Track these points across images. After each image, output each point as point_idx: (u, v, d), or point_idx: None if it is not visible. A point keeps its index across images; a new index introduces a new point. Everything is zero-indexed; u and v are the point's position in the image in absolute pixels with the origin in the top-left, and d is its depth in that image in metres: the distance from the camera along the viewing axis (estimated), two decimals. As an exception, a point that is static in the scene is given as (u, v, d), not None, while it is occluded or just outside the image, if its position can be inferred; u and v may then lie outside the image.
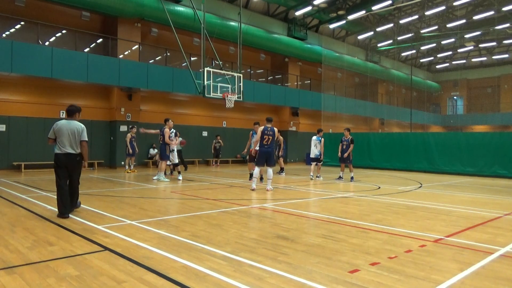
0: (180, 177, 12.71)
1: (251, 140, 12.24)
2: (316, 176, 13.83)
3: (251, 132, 12.59)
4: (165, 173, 12.91)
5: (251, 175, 11.90)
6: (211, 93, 16.61)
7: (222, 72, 17.17)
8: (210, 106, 22.35)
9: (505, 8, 25.70)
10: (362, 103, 30.64)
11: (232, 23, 21.38)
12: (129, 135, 15.73)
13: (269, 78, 26.80)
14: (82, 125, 6.41)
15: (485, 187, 11.81)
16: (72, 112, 6.53)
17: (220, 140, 21.24)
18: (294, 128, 25.95)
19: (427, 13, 28.08)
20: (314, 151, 13.84)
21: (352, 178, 13.18)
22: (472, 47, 36.32)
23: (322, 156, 13.94)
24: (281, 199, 8.56)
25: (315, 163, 13.93)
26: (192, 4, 18.55)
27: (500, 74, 39.30)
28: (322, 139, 13.86)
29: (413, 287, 3.29)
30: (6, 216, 6.18)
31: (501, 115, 37.26)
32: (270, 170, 10.05)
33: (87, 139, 6.40)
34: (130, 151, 15.65)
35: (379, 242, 4.75)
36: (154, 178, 12.49)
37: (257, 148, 10.51)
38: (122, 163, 17.58)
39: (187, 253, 4.19)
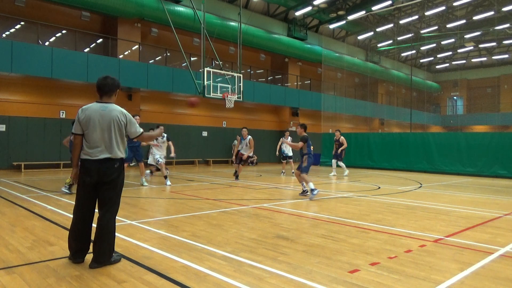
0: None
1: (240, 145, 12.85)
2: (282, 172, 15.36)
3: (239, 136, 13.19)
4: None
5: (237, 177, 12.63)
6: (211, 93, 16.61)
7: (222, 72, 17.17)
8: (210, 106, 22.35)
9: (505, 8, 25.70)
10: (362, 103, 30.65)
11: (232, 23, 21.38)
12: None
13: (269, 78, 26.81)
14: (125, 111, 3.95)
15: (485, 187, 11.81)
16: (108, 89, 3.88)
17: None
18: (294, 128, 25.95)
19: (427, 13, 28.09)
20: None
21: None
22: (472, 47, 36.33)
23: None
24: (281, 199, 8.56)
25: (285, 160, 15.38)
26: (192, 4, 18.55)
27: (500, 74, 39.32)
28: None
29: (413, 287, 3.29)
30: (6, 216, 6.17)
31: (501, 115, 37.27)
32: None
33: (142, 130, 4.03)
34: None
35: (379, 242, 4.75)
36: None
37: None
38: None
39: (187, 253, 4.19)
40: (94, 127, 3.75)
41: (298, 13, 24.75)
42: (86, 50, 18.67)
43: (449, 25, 29.67)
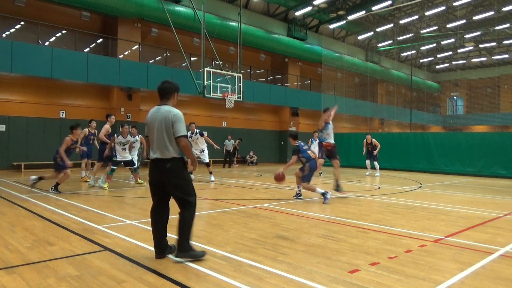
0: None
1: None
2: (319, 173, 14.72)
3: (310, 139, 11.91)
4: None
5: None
6: (211, 93, 16.61)
7: (222, 72, 17.17)
8: (210, 106, 22.35)
9: (505, 8, 25.71)
10: (362, 103, 30.65)
11: (232, 23, 21.38)
12: (85, 130, 11.91)
13: (269, 78, 26.80)
14: (176, 111, 3.99)
15: (485, 187, 11.81)
16: (165, 92, 4.14)
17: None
18: (294, 128, 25.97)
19: (427, 13, 28.09)
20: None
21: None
22: (472, 47, 36.33)
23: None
24: (281, 199, 8.56)
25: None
26: (192, 4, 18.55)
27: (500, 74, 39.30)
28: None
29: (413, 287, 3.29)
30: (6, 216, 6.17)
31: (501, 115, 37.25)
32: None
33: (185, 133, 3.97)
34: (79, 150, 11.20)
35: (379, 242, 4.75)
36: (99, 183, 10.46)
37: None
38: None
39: (187, 253, 4.19)
40: (149, 129, 4.06)
41: (298, 13, 24.75)
42: (86, 50, 18.67)
43: (449, 25, 29.67)
